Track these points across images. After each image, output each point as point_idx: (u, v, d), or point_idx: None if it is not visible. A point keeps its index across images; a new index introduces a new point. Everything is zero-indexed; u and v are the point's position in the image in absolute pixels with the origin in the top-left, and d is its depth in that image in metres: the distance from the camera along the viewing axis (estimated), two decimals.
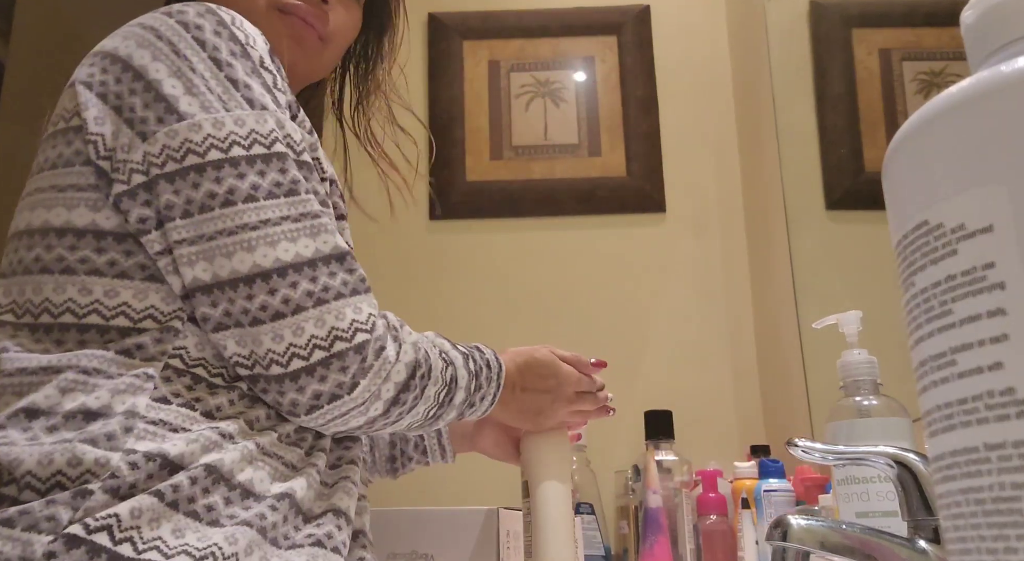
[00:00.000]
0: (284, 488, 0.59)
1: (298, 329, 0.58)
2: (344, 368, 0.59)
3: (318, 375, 0.58)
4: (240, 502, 0.56)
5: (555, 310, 1.48)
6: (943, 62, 0.97)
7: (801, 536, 0.43)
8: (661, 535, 0.94)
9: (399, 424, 0.66)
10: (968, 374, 0.24)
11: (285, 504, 0.58)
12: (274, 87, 0.63)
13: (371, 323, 0.61)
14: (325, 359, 0.58)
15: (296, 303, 0.58)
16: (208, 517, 0.54)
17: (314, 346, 0.58)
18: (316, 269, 0.59)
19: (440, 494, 1.38)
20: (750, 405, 1.43)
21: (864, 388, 0.72)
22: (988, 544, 0.23)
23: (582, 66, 1.62)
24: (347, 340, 0.59)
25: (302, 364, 0.58)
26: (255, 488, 0.57)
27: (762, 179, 1.44)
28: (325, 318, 0.59)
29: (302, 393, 0.59)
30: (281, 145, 0.61)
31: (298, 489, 0.59)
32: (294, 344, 0.58)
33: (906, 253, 0.27)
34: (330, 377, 0.58)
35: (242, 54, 0.62)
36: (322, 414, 0.60)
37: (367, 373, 0.60)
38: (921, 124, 0.26)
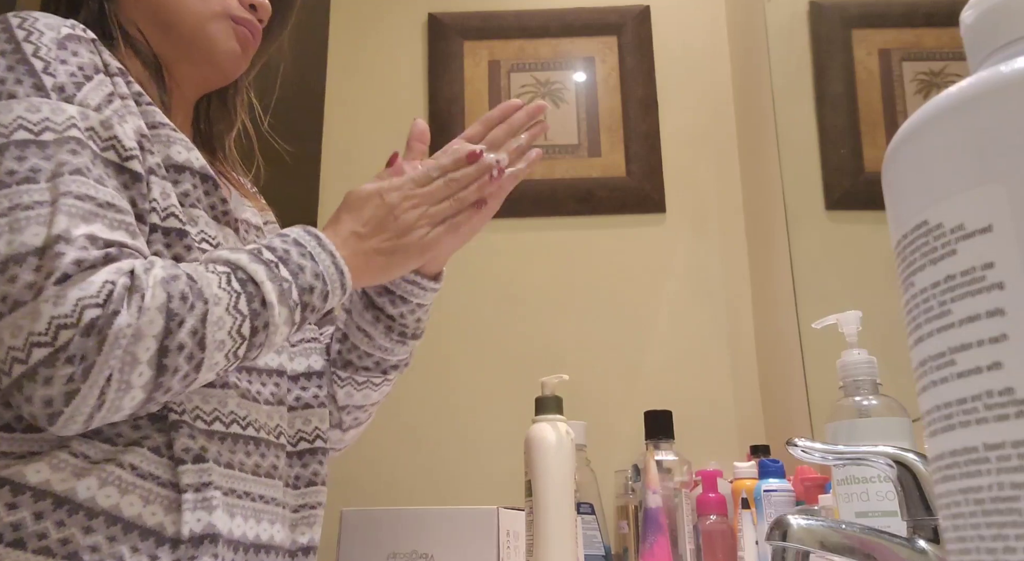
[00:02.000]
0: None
1: (16, 329, 0.54)
2: (70, 358, 0.54)
3: (41, 377, 0.54)
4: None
5: (555, 310, 1.48)
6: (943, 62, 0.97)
7: (801, 536, 0.43)
8: (661, 535, 0.94)
9: (198, 378, 0.60)
10: (967, 374, 0.24)
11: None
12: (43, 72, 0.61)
13: (104, 294, 0.55)
14: (49, 357, 0.54)
15: (13, 299, 0.54)
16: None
17: (32, 345, 0.54)
18: (42, 257, 0.55)
19: (440, 494, 1.38)
20: (750, 405, 1.43)
21: (864, 388, 0.72)
22: (987, 544, 0.23)
23: (582, 66, 1.62)
24: (73, 325, 0.54)
25: (21, 369, 0.54)
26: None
27: (762, 179, 1.44)
28: (41, 309, 0.54)
29: (31, 403, 0.55)
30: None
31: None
32: (12, 347, 0.54)
33: (905, 253, 0.27)
34: (56, 375, 0.54)
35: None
36: (71, 417, 0.55)
37: (101, 349, 0.54)
38: (921, 124, 0.26)
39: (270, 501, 0.69)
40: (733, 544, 1.01)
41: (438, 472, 1.41)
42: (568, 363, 1.41)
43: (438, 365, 1.46)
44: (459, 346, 1.47)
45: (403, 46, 1.65)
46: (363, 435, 1.43)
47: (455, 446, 1.42)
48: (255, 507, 0.67)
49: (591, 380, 1.40)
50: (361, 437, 1.42)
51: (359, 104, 1.62)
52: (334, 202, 0.76)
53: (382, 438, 1.43)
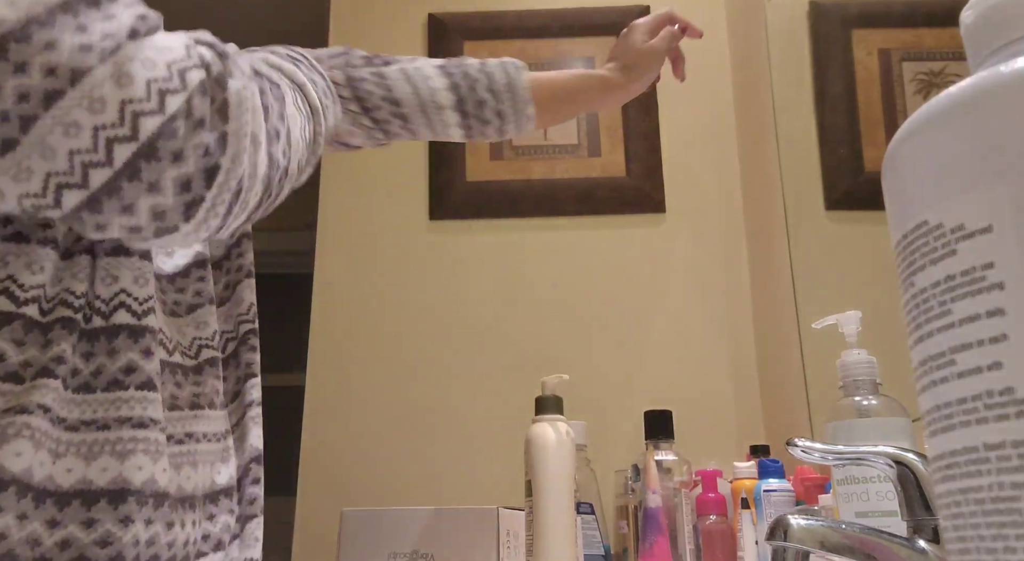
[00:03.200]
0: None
1: (95, 102, 0.38)
2: (198, 122, 0.40)
3: (167, 154, 0.40)
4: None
5: (555, 310, 1.48)
6: (943, 62, 0.97)
7: (801, 536, 0.43)
8: (660, 535, 0.94)
9: (284, 188, 0.49)
10: (967, 374, 0.24)
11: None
12: None
13: (195, 56, 0.42)
14: (164, 125, 0.40)
15: (70, 67, 0.38)
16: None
17: (134, 115, 0.39)
18: (77, 14, 0.39)
19: (440, 494, 1.38)
20: (750, 405, 1.43)
21: (864, 388, 0.72)
22: (987, 544, 0.23)
23: (582, 66, 1.61)
24: (180, 90, 0.40)
25: (131, 148, 0.39)
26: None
27: (762, 179, 1.44)
28: (129, 70, 0.39)
29: (159, 191, 0.40)
30: None
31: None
32: (100, 126, 0.39)
33: (906, 253, 0.27)
34: (186, 148, 0.40)
35: None
36: (210, 209, 0.42)
37: (227, 116, 0.42)
38: (921, 124, 0.26)
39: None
40: (733, 544, 1.01)
41: (438, 472, 1.41)
42: (568, 363, 1.41)
43: (438, 365, 1.46)
44: (459, 346, 1.47)
45: (403, 46, 1.65)
46: (363, 435, 1.43)
47: (455, 446, 1.42)
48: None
49: (591, 380, 1.40)
50: (361, 437, 1.42)
51: None
52: (334, 202, 0.76)
53: (382, 438, 1.43)
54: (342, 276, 1.51)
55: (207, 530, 0.52)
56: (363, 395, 1.45)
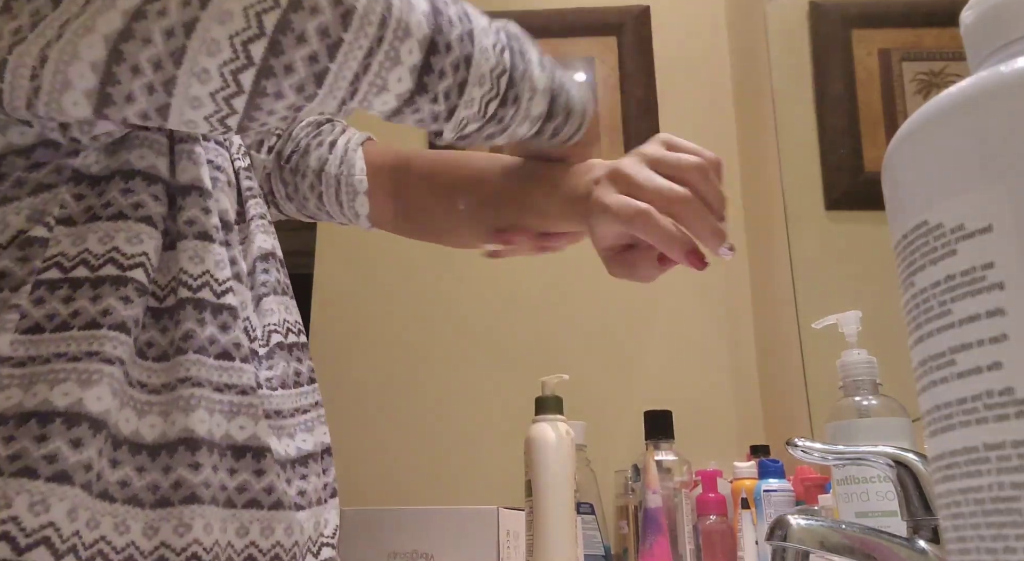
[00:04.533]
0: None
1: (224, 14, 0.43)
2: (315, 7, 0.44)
3: (306, 7, 0.44)
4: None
5: (555, 310, 1.48)
6: (943, 62, 0.97)
7: (801, 536, 0.43)
8: (660, 535, 0.94)
9: (456, 103, 0.51)
10: (967, 374, 0.24)
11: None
12: None
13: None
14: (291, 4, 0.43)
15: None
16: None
17: (258, 14, 0.43)
18: None
19: (440, 494, 1.38)
20: (750, 405, 1.43)
21: (864, 388, 0.72)
22: (987, 544, 0.23)
23: (582, 67, 1.61)
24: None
25: (276, 16, 0.43)
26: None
27: (762, 179, 1.44)
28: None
29: (305, 42, 0.44)
30: None
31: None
32: (248, 6, 0.43)
33: (905, 253, 0.27)
34: (322, 3, 0.44)
35: None
36: (352, 44, 0.45)
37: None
38: (921, 124, 0.26)
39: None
40: (733, 544, 1.01)
41: (438, 472, 1.41)
42: (568, 363, 1.41)
43: (438, 365, 1.46)
44: (459, 346, 1.47)
45: None
46: (363, 435, 1.43)
47: (455, 446, 1.42)
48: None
49: (591, 380, 1.40)
50: (361, 437, 1.42)
51: None
52: None
53: (382, 438, 1.43)
54: (342, 276, 1.51)
55: (301, 487, 0.58)
56: (363, 395, 1.45)
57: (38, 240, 0.49)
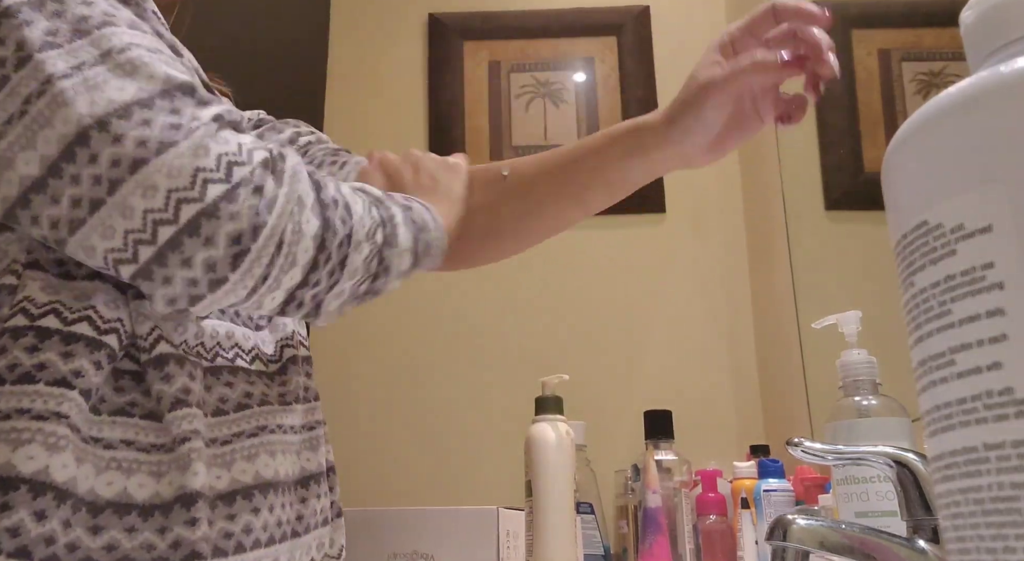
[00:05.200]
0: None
1: (148, 190, 0.45)
2: (256, 189, 0.47)
3: (225, 214, 0.46)
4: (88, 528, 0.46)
5: (555, 310, 1.48)
6: (942, 62, 0.97)
7: (801, 536, 0.43)
8: (660, 535, 0.94)
9: (322, 300, 0.53)
10: (967, 374, 0.24)
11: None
12: None
13: (245, 154, 0.48)
14: (227, 192, 0.46)
15: (158, 140, 0.45)
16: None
17: (204, 182, 0.45)
18: (173, 100, 0.47)
19: (440, 494, 1.38)
20: (750, 405, 1.43)
21: (864, 388, 0.72)
22: (987, 544, 0.23)
23: (582, 67, 1.62)
24: (245, 163, 0.47)
25: (196, 208, 0.45)
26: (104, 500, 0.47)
27: (762, 179, 1.44)
28: (206, 144, 0.46)
29: (213, 245, 0.46)
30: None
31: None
32: (174, 189, 0.45)
33: (905, 253, 0.27)
34: (241, 210, 0.46)
35: None
36: (255, 260, 0.47)
37: (281, 183, 0.48)
38: (920, 124, 0.26)
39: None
40: (733, 544, 1.01)
41: (438, 472, 1.41)
42: (568, 363, 1.41)
43: (438, 365, 1.46)
44: (459, 346, 1.47)
45: (403, 46, 1.65)
46: (363, 435, 1.43)
47: (455, 446, 1.42)
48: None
49: (591, 380, 1.40)
50: (361, 437, 1.42)
51: (359, 104, 1.62)
52: None
53: (382, 438, 1.43)
54: None
55: (299, 512, 0.57)
56: (363, 395, 1.45)
57: (5, 287, 0.48)
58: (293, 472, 0.57)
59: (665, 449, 1.05)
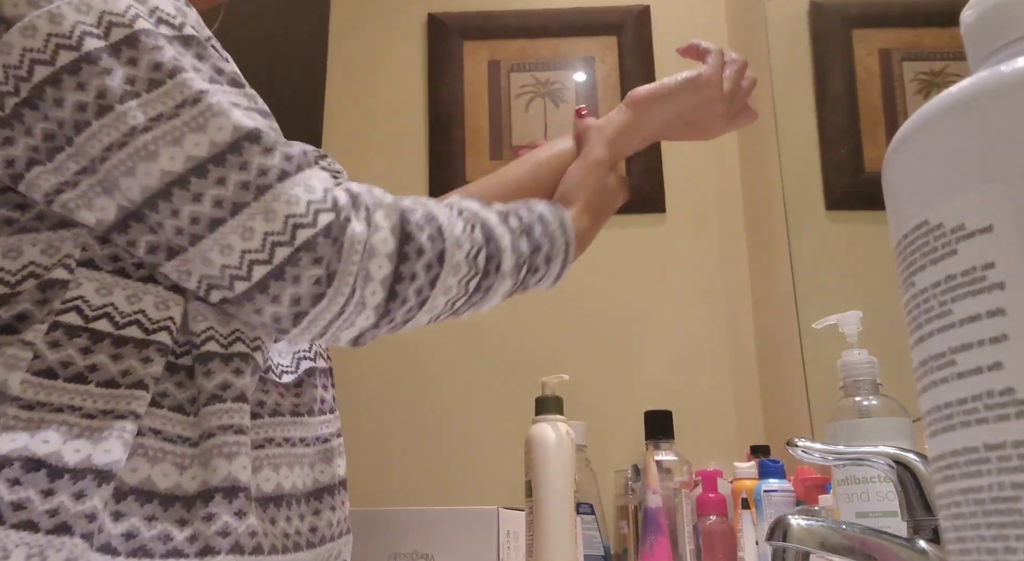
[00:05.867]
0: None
1: (246, 231, 0.49)
2: (317, 259, 0.50)
3: (289, 276, 0.50)
4: (145, 518, 0.48)
5: (555, 310, 1.48)
6: (943, 62, 0.97)
7: (801, 536, 0.43)
8: (661, 535, 0.94)
9: (415, 318, 0.56)
10: (968, 374, 0.24)
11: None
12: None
13: (330, 200, 0.51)
14: (291, 256, 0.49)
15: (232, 201, 0.49)
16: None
17: (273, 244, 0.49)
18: (243, 153, 0.49)
19: (440, 494, 1.38)
20: (750, 405, 1.43)
21: (864, 388, 0.71)
22: (988, 544, 0.23)
23: (582, 66, 1.62)
24: (311, 226, 0.50)
25: (266, 270, 0.49)
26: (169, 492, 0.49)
27: (762, 179, 1.44)
28: (274, 207, 0.49)
29: (279, 303, 0.50)
30: (145, 21, 0.50)
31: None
32: (247, 250, 0.49)
33: (906, 253, 0.27)
34: (304, 274, 0.50)
35: None
36: (313, 321, 0.52)
37: (341, 256, 0.51)
38: (921, 124, 0.26)
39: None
40: (733, 544, 1.01)
41: (438, 472, 1.41)
42: (568, 363, 1.41)
43: (438, 365, 1.46)
44: (459, 346, 1.47)
45: (403, 46, 1.65)
46: (363, 435, 1.43)
47: (455, 446, 1.42)
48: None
49: (591, 380, 1.40)
50: (361, 437, 1.42)
51: (359, 104, 1.62)
52: None
53: (383, 438, 1.43)
54: None
55: (313, 523, 0.59)
56: (363, 395, 1.45)
57: (58, 282, 0.50)
58: (304, 485, 0.58)
59: (665, 449, 1.05)
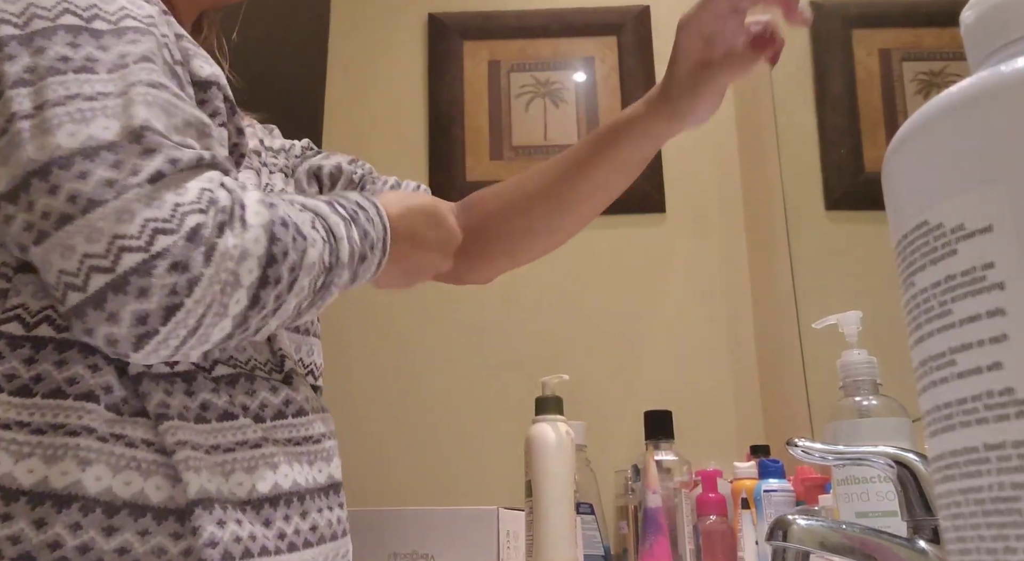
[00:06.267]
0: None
1: (66, 250, 0.44)
2: (175, 265, 0.44)
3: (134, 289, 0.44)
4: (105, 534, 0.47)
5: (555, 310, 1.48)
6: (943, 62, 0.97)
7: (801, 536, 0.43)
8: (660, 535, 0.94)
9: (266, 326, 0.52)
10: (967, 374, 0.24)
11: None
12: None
13: (204, 201, 0.47)
14: (143, 263, 0.44)
15: (87, 198, 0.44)
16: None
17: (120, 250, 0.44)
18: (118, 152, 0.45)
19: (440, 494, 1.38)
20: (750, 405, 1.43)
21: (864, 388, 0.71)
22: (988, 544, 0.23)
23: (582, 66, 1.61)
24: (173, 231, 0.45)
25: (105, 279, 0.44)
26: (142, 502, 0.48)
27: (762, 179, 1.44)
28: (132, 208, 0.44)
29: (116, 322, 0.44)
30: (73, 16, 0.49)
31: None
32: (88, 254, 0.44)
33: (906, 253, 0.27)
34: (154, 286, 0.44)
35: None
36: (162, 342, 0.46)
37: (210, 262, 0.46)
38: (921, 124, 0.26)
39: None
40: (733, 544, 1.01)
41: (438, 472, 1.41)
42: (568, 363, 1.41)
43: (438, 365, 1.46)
44: (459, 346, 1.47)
45: (403, 46, 1.65)
46: (363, 435, 1.43)
47: (455, 446, 1.42)
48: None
49: (591, 380, 1.40)
50: (361, 437, 1.42)
51: (359, 104, 1.62)
52: None
53: (383, 438, 1.43)
54: None
55: (314, 522, 0.57)
56: (363, 395, 1.45)
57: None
58: (306, 482, 0.57)
59: (665, 449, 1.05)
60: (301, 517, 0.55)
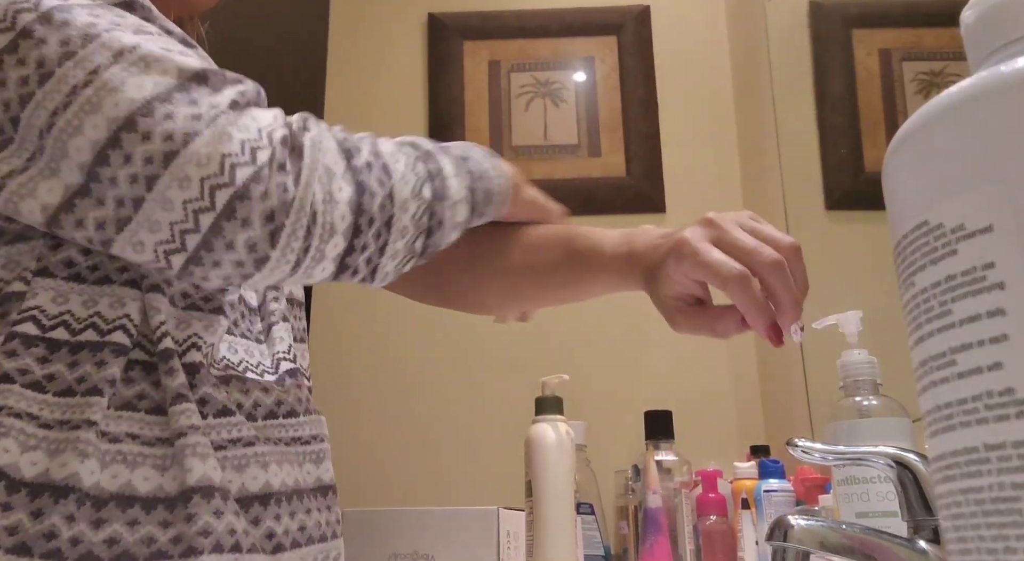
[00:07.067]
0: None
1: (183, 181, 0.47)
2: (281, 166, 0.49)
3: (256, 194, 0.48)
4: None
5: (555, 311, 1.48)
6: (943, 62, 0.97)
7: (801, 536, 0.43)
8: (661, 535, 0.94)
9: (377, 264, 0.54)
10: (968, 374, 0.24)
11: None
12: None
13: (280, 120, 0.51)
14: (255, 173, 0.48)
15: (183, 132, 0.47)
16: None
17: (232, 166, 0.47)
18: (190, 91, 0.49)
19: (440, 494, 1.38)
20: (750, 405, 1.43)
21: (864, 388, 0.71)
22: (988, 544, 0.23)
23: (582, 66, 1.61)
24: (265, 146, 0.49)
25: (230, 192, 0.47)
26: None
27: (762, 179, 1.44)
28: (227, 131, 0.48)
29: (250, 226, 0.48)
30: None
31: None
32: (206, 177, 0.47)
33: (906, 253, 0.27)
34: (270, 188, 0.48)
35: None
36: (291, 234, 0.49)
37: (302, 157, 0.50)
38: (921, 124, 0.26)
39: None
40: (733, 544, 1.01)
41: (438, 472, 1.41)
42: (568, 363, 1.41)
43: (438, 365, 1.46)
44: (459, 346, 1.47)
45: (403, 46, 1.65)
46: (363, 435, 1.43)
47: (455, 446, 1.42)
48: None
49: (591, 380, 1.40)
50: (361, 437, 1.42)
51: (359, 104, 1.62)
52: None
53: (383, 438, 1.43)
54: None
55: (302, 522, 0.58)
56: (363, 396, 1.45)
57: (15, 294, 0.50)
58: (296, 482, 0.57)
59: (665, 449, 1.05)
60: (290, 517, 0.56)
